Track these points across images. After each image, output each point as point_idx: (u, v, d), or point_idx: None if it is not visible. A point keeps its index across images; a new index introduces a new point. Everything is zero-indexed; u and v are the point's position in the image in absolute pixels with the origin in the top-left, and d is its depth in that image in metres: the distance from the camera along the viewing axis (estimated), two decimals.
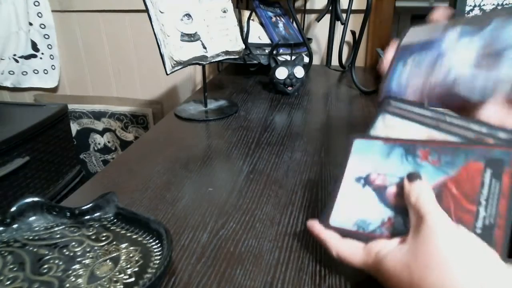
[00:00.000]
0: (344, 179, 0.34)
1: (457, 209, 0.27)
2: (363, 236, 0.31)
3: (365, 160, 0.34)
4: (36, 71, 1.43)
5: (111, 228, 0.39)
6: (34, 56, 1.40)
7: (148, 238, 0.37)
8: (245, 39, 0.94)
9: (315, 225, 0.34)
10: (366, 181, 0.33)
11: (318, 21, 1.07)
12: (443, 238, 0.25)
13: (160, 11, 0.61)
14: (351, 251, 0.30)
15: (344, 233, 0.32)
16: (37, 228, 0.38)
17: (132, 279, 0.32)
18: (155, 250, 0.35)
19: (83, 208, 0.40)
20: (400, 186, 0.31)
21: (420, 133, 0.33)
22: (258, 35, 0.99)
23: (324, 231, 0.33)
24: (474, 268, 0.23)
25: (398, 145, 0.33)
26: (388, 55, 0.39)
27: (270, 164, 0.54)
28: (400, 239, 0.28)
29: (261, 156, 0.57)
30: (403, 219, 0.30)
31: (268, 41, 0.98)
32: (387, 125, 0.35)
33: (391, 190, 0.31)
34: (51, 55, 1.41)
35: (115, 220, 0.40)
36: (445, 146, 0.30)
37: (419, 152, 0.31)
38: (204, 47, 0.66)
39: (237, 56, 0.72)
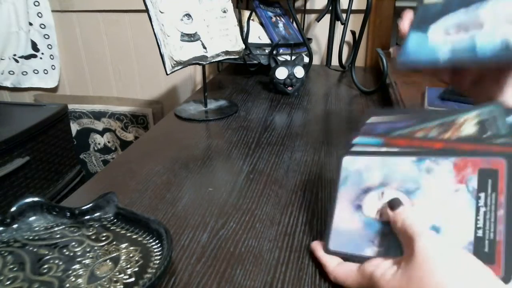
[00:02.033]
0: (338, 201, 0.34)
1: None
2: (361, 258, 0.31)
3: (356, 179, 0.34)
4: (36, 71, 1.43)
5: (111, 228, 0.39)
6: (34, 56, 1.40)
7: (148, 238, 0.37)
8: (245, 39, 0.94)
9: (317, 248, 0.35)
10: (358, 203, 0.33)
11: (318, 21, 1.07)
12: (435, 260, 0.25)
13: (160, 11, 0.61)
14: (346, 275, 0.31)
15: (343, 256, 0.33)
16: (37, 228, 0.38)
17: (132, 279, 0.32)
18: (155, 250, 0.35)
19: (83, 208, 0.40)
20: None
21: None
22: (258, 35, 0.99)
23: (324, 256, 0.34)
24: None
25: (390, 155, 0.32)
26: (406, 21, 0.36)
27: (270, 164, 0.54)
28: (394, 260, 0.28)
29: (261, 156, 0.57)
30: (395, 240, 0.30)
31: (268, 41, 0.98)
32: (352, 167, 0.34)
33: (384, 210, 0.31)
34: (51, 55, 1.41)
35: (115, 220, 0.40)
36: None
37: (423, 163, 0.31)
38: (204, 47, 0.66)
39: (237, 56, 0.72)
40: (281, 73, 0.82)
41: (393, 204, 0.30)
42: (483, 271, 0.24)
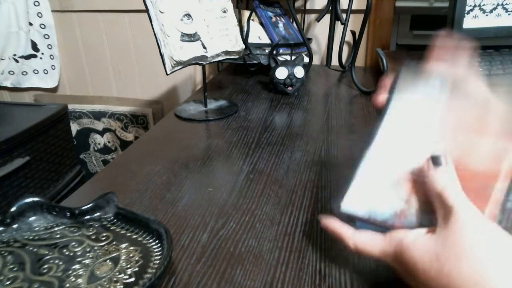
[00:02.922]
0: (363, 164, 0.32)
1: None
2: (374, 224, 0.30)
3: (390, 140, 0.32)
4: (36, 71, 1.43)
5: (111, 228, 0.39)
6: (34, 56, 1.40)
7: (148, 238, 0.37)
8: (245, 39, 0.94)
9: (330, 221, 0.33)
10: (385, 167, 0.31)
11: (318, 21, 1.07)
12: (475, 232, 0.24)
13: (160, 11, 0.61)
14: (369, 241, 0.29)
15: (354, 220, 0.31)
16: (37, 228, 0.38)
17: (132, 279, 0.32)
18: (155, 250, 0.35)
19: (83, 208, 0.40)
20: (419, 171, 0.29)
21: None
22: (258, 35, 0.99)
23: (340, 226, 0.32)
24: (506, 263, 0.23)
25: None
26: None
27: (270, 164, 0.54)
28: (426, 229, 0.27)
29: (261, 156, 0.57)
30: (417, 211, 0.29)
31: (268, 41, 0.98)
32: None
33: (410, 175, 0.30)
34: (51, 55, 1.41)
35: (115, 220, 0.40)
36: None
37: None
38: (204, 47, 0.66)
39: (237, 56, 0.72)
40: (281, 73, 0.82)
41: (437, 160, 0.28)
42: None
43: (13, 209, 0.38)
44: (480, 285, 0.23)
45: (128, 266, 0.33)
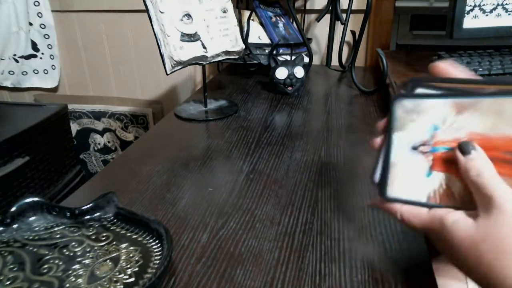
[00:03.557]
0: (393, 147, 0.31)
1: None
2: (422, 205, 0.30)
3: (414, 122, 0.30)
4: (36, 71, 1.43)
5: (111, 228, 0.39)
6: (34, 56, 1.40)
7: (148, 238, 0.37)
8: (245, 39, 0.94)
9: (378, 200, 0.33)
10: (417, 147, 0.30)
11: (318, 21, 1.07)
12: None
13: (160, 11, 0.61)
14: (415, 214, 0.30)
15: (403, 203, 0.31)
16: (37, 228, 0.38)
17: (132, 279, 0.32)
18: (155, 250, 0.35)
19: (83, 208, 0.40)
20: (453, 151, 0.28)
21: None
22: (258, 35, 0.99)
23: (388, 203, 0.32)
24: None
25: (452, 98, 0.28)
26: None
27: (270, 164, 0.54)
28: (469, 212, 0.26)
29: (261, 156, 0.57)
30: (458, 192, 0.28)
31: (268, 41, 0.98)
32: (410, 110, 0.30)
33: (445, 154, 0.29)
34: (51, 55, 1.41)
35: (115, 220, 0.40)
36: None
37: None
38: (204, 47, 0.66)
39: (237, 56, 0.72)
40: (281, 73, 0.82)
41: (465, 148, 0.27)
42: None
43: (13, 209, 0.38)
44: None
45: (128, 266, 0.33)
